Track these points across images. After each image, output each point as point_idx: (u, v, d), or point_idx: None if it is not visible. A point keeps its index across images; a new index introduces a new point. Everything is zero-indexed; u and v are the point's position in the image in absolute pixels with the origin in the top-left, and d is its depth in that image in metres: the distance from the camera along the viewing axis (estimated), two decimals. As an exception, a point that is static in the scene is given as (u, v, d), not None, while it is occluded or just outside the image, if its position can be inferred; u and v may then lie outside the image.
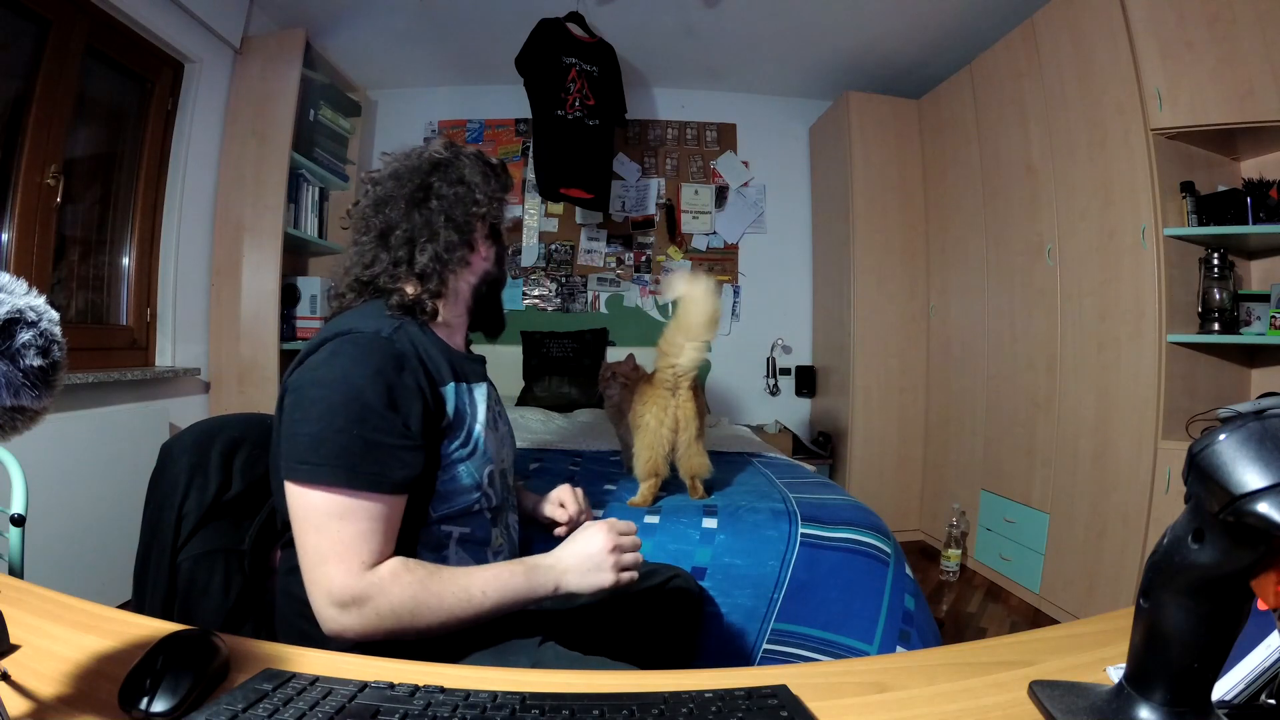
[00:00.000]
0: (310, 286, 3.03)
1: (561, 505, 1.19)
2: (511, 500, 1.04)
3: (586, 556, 0.86)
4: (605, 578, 0.86)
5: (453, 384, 0.90)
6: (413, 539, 0.86)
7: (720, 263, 3.91)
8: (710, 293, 1.42)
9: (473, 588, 0.78)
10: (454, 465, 0.88)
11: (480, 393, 0.96)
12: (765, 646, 1.32)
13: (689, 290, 1.42)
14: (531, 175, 3.67)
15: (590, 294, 3.86)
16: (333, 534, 0.75)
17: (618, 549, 0.87)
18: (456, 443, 0.89)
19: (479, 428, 0.92)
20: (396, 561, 0.77)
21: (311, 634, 0.81)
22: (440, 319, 0.95)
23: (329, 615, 0.74)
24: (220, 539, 0.95)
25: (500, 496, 0.97)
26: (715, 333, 1.46)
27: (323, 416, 0.77)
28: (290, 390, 0.81)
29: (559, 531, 1.19)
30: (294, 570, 0.86)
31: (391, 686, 0.52)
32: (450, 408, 0.89)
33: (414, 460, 0.81)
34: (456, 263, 0.94)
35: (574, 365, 3.38)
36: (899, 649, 1.33)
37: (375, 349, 0.81)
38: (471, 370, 0.97)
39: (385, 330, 0.85)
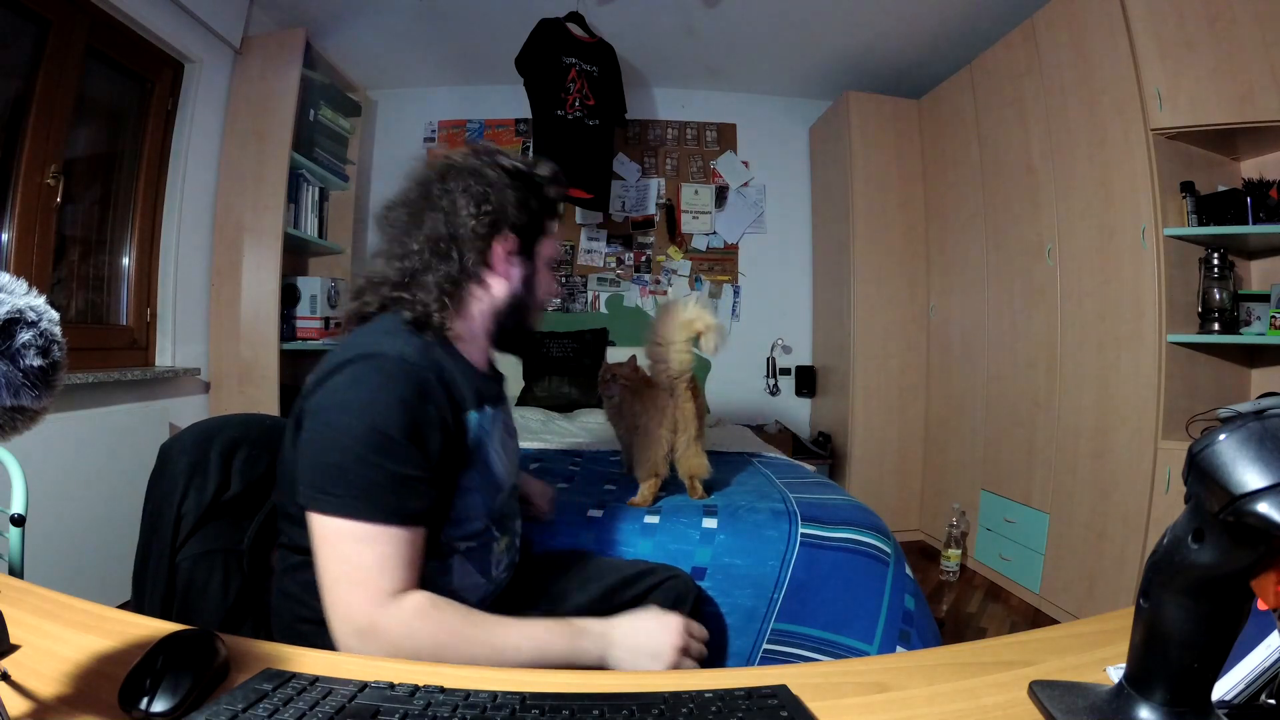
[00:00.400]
0: (310, 286, 3.03)
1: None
2: (515, 507, 1.04)
3: (649, 641, 0.81)
4: (656, 669, 0.79)
5: (474, 412, 0.88)
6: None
7: (720, 263, 3.91)
8: (689, 303, 1.48)
9: (505, 641, 0.75)
10: (469, 493, 0.87)
11: (499, 416, 0.96)
12: (765, 646, 1.32)
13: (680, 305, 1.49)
14: (531, 175, 3.67)
15: (590, 294, 3.86)
16: (353, 559, 0.73)
17: (684, 651, 0.82)
18: (473, 470, 0.88)
19: (494, 454, 0.92)
20: (424, 597, 0.74)
21: (307, 633, 0.81)
22: (458, 335, 0.91)
23: (350, 645, 0.72)
24: (219, 539, 0.95)
25: (507, 508, 0.97)
26: (689, 333, 1.47)
27: (345, 447, 0.74)
28: (310, 413, 0.79)
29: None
30: (291, 569, 0.85)
31: (391, 686, 0.52)
32: (471, 437, 0.87)
33: (433, 493, 0.80)
34: (466, 279, 0.89)
35: (574, 365, 3.38)
36: (899, 649, 1.33)
37: (399, 376, 0.78)
38: (491, 392, 0.95)
39: (409, 353, 0.81)
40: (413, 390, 0.78)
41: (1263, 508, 0.37)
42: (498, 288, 0.93)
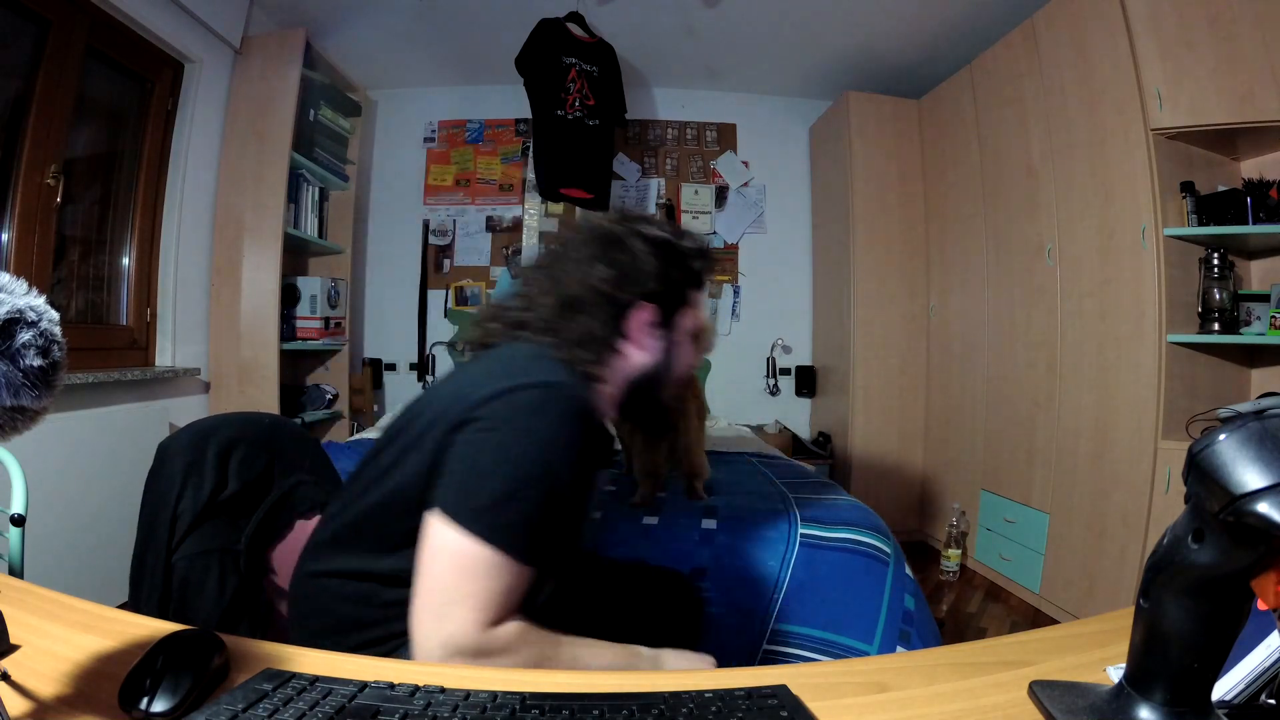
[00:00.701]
0: (310, 286, 3.03)
1: None
2: None
3: (692, 668, 0.84)
4: None
5: (603, 472, 0.91)
6: None
7: (720, 263, 3.91)
8: None
9: (580, 664, 0.76)
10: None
11: (605, 477, 0.98)
12: (765, 646, 1.32)
13: None
14: (531, 175, 3.67)
15: (590, 294, 3.86)
16: (480, 583, 0.71)
17: None
18: (583, 525, 0.89)
19: (593, 509, 0.94)
20: (519, 624, 0.74)
21: (319, 633, 0.80)
22: (599, 392, 0.89)
23: (436, 658, 0.69)
24: (216, 538, 0.94)
25: None
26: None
27: (516, 478, 0.72)
28: (480, 426, 0.75)
29: None
30: (334, 575, 0.81)
31: (391, 686, 0.52)
32: (594, 494, 0.88)
33: (569, 541, 0.80)
34: (601, 346, 0.87)
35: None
36: (899, 649, 1.33)
37: (578, 418, 0.77)
38: (609, 453, 0.96)
39: (587, 396, 0.80)
40: (586, 435, 0.77)
41: (1263, 508, 0.37)
42: (634, 357, 0.90)
